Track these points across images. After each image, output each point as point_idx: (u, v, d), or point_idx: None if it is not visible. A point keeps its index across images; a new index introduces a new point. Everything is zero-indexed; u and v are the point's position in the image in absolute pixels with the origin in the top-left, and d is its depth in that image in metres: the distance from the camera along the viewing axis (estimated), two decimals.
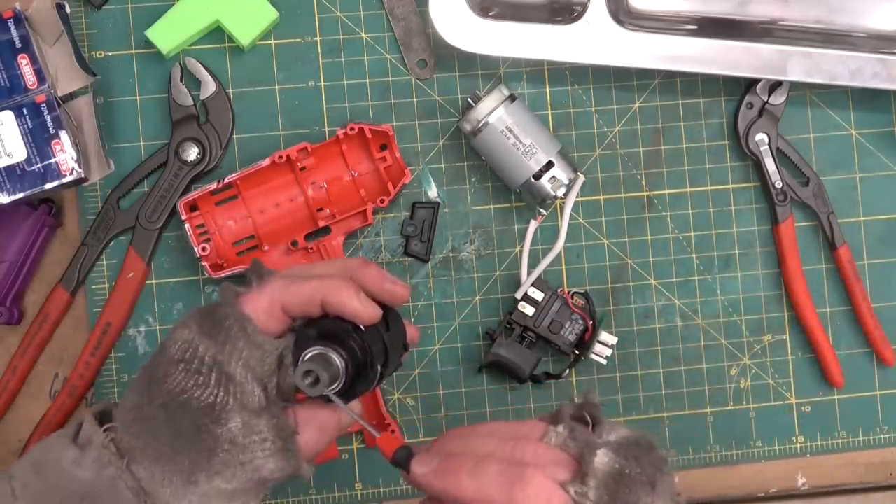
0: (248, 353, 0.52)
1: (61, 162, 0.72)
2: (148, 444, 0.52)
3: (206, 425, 0.51)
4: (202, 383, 0.52)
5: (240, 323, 0.53)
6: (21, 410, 0.79)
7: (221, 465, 0.52)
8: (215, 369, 0.52)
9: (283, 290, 0.54)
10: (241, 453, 0.52)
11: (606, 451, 0.49)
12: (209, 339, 0.52)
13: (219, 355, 0.52)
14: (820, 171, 0.82)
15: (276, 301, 0.54)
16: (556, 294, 0.78)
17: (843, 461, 0.83)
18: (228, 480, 0.52)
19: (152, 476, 0.52)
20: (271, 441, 0.52)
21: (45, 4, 0.74)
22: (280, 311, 0.54)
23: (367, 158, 0.79)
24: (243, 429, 0.52)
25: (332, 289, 0.54)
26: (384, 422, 0.78)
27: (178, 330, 0.53)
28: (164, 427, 0.52)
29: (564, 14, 0.78)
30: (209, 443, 0.51)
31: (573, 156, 0.81)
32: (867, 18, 0.80)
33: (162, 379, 0.52)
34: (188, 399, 0.52)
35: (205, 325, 0.53)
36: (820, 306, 0.82)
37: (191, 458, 0.51)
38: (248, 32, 0.78)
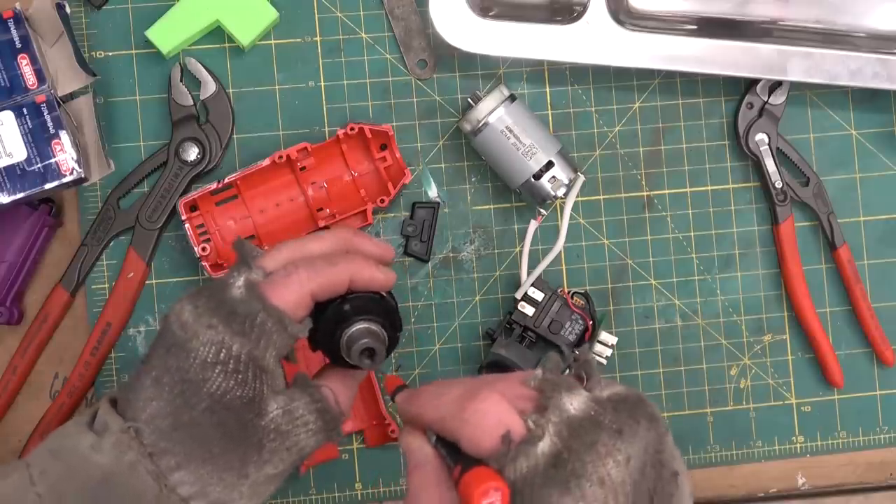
0: (281, 343, 0.53)
1: (61, 162, 0.72)
2: (194, 448, 0.52)
3: (251, 421, 0.52)
4: (241, 381, 0.52)
5: (276, 318, 0.53)
6: (21, 410, 0.79)
7: (270, 454, 0.52)
8: (251, 365, 0.52)
9: (312, 279, 0.54)
10: (286, 439, 0.53)
11: (583, 397, 0.48)
12: (242, 337, 0.52)
13: (254, 351, 0.52)
14: (820, 171, 0.82)
15: (305, 292, 0.54)
16: (556, 294, 0.78)
17: (843, 461, 0.83)
18: (276, 466, 0.53)
19: (200, 477, 0.52)
20: (314, 422, 0.53)
21: (45, 4, 0.74)
22: (309, 300, 0.54)
23: (367, 158, 0.79)
24: (285, 416, 0.52)
25: (358, 268, 0.55)
26: (384, 421, 0.78)
27: (199, 329, 0.52)
28: (212, 431, 0.52)
29: (564, 14, 0.78)
30: (257, 436, 0.52)
31: (573, 156, 0.81)
32: (867, 18, 0.80)
33: (199, 383, 0.52)
34: (231, 399, 0.52)
35: (233, 322, 0.52)
36: (820, 306, 0.82)
37: (240, 455, 0.52)
38: (248, 32, 0.78)
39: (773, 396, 0.82)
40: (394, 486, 0.80)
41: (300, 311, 0.54)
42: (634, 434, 0.47)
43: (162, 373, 0.53)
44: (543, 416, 0.47)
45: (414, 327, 0.80)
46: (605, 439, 0.46)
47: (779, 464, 0.83)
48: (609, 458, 0.46)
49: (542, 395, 0.48)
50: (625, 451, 0.46)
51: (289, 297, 0.54)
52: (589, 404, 0.48)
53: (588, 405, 0.48)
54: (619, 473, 0.46)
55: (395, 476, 0.80)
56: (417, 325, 0.80)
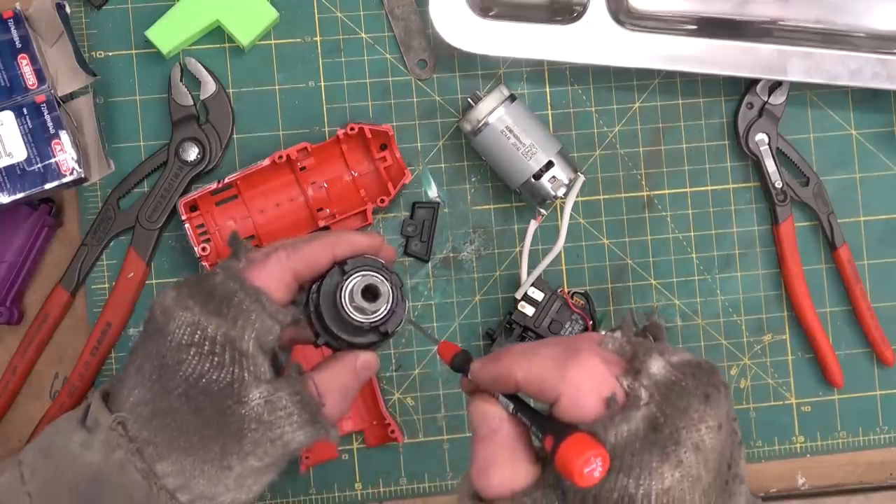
0: (261, 325, 0.52)
1: (61, 162, 0.72)
2: (174, 437, 0.51)
3: (230, 407, 0.51)
4: (218, 364, 0.51)
5: (253, 297, 0.52)
6: (21, 410, 0.79)
7: (252, 444, 0.51)
8: (228, 347, 0.51)
9: (291, 256, 0.54)
10: (268, 430, 0.51)
11: (662, 361, 0.47)
12: (217, 317, 0.51)
13: (230, 331, 0.51)
14: (820, 171, 0.82)
15: (285, 269, 0.53)
16: (556, 294, 0.78)
17: (843, 461, 0.83)
18: (261, 458, 0.52)
19: (182, 469, 0.51)
20: (297, 414, 0.52)
21: (45, 4, 0.74)
22: (291, 279, 0.54)
23: (367, 158, 0.79)
24: (267, 406, 0.51)
25: (339, 239, 0.55)
26: (384, 421, 0.78)
27: (176, 311, 0.52)
28: (190, 417, 0.51)
29: (564, 14, 0.78)
30: (237, 425, 0.51)
31: (573, 156, 0.81)
32: (867, 18, 0.80)
33: (175, 367, 0.51)
34: (207, 383, 0.51)
35: (209, 303, 0.52)
36: (820, 306, 0.82)
37: (220, 444, 0.51)
38: (248, 32, 0.78)
39: (773, 396, 0.82)
40: (394, 486, 0.80)
41: (281, 290, 0.53)
42: (718, 401, 0.46)
43: (143, 360, 0.52)
44: (637, 380, 0.46)
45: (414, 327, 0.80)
46: (696, 405, 0.46)
47: (779, 464, 0.83)
48: (702, 425, 0.45)
49: (635, 359, 0.47)
50: (714, 417, 0.46)
51: (267, 276, 0.53)
52: (668, 369, 0.47)
53: (668, 370, 0.47)
54: (711, 440, 0.45)
55: (395, 476, 0.80)
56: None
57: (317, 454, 0.78)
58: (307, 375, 0.54)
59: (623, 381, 0.46)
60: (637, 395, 0.45)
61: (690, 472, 0.45)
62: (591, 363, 0.47)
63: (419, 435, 0.80)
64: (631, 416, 0.45)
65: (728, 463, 0.47)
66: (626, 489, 0.44)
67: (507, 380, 0.49)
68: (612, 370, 0.47)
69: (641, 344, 0.48)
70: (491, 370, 0.50)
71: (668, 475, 0.44)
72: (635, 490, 0.44)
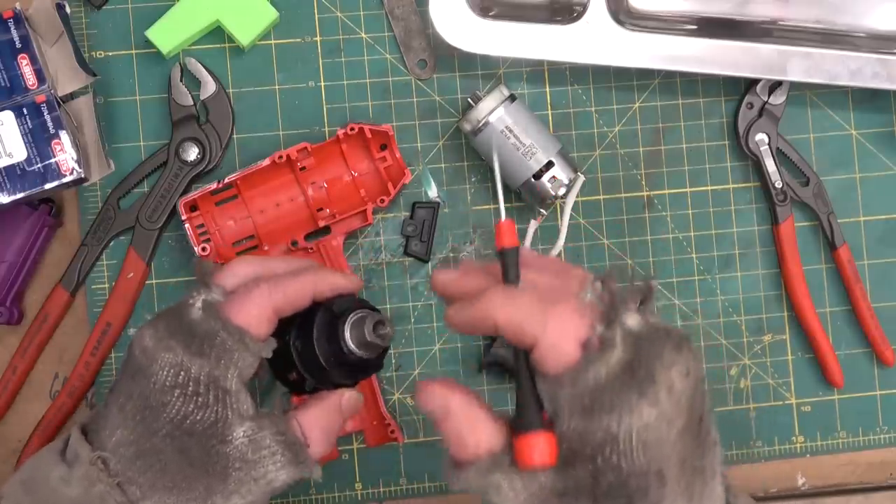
0: (243, 362, 0.52)
1: (61, 162, 0.72)
2: (157, 478, 0.51)
3: (214, 447, 0.51)
4: (202, 404, 0.51)
5: (236, 336, 0.52)
6: (21, 410, 0.79)
7: (236, 483, 0.51)
8: (212, 387, 0.51)
9: (273, 293, 0.54)
10: (252, 469, 0.52)
11: (637, 317, 0.49)
12: (200, 357, 0.52)
13: (214, 371, 0.51)
14: (820, 171, 0.82)
15: (267, 307, 0.54)
16: None
17: (843, 461, 0.83)
18: (244, 496, 0.52)
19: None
20: (280, 454, 0.52)
21: (45, 4, 0.74)
22: (272, 315, 0.54)
23: (367, 158, 0.79)
24: (251, 444, 0.52)
25: (320, 278, 0.55)
26: (384, 421, 0.78)
27: (158, 352, 0.52)
28: (175, 457, 0.51)
29: (564, 14, 0.78)
30: (221, 464, 0.51)
31: (573, 156, 0.81)
32: (867, 18, 0.80)
33: (159, 408, 0.51)
34: (192, 423, 0.51)
35: (191, 343, 0.52)
36: (820, 306, 0.82)
37: (205, 484, 0.51)
38: (248, 32, 0.78)
39: (773, 396, 0.82)
40: (393, 486, 0.80)
41: (263, 327, 0.54)
42: (688, 354, 0.48)
43: (126, 399, 0.52)
44: (611, 328, 0.48)
45: (414, 327, 0.80)
46: (667, 352, 0.47)
47: (779, 464, 0.83)
48: (673, 368, 0.47)
49: (611, 310, 0.48)
50: (683, 364, 0.48)
51: (251, 312, 0.53)
52: (643, 325, 0.49)
53: (641, 325, 0.48)
54: (681, 384, 0.47)
55: (395, 476, 0.80)
56: (417, 325, 0.80)
57: None
58: (291, 415, 0.54)
59: (598, 327, 0.48)
60: (612, 340, 0.47)
61: (665, 412, 0.46)
62: (569, 312, 0.48)
63: (419, 435, 0.80)
64: (606, 358, 0.47)
65: (700, 416, 0.49)
66: (608, 428, 0.46)
67: (484, 324, 0.49)
68: (587, 319, 0.48)
69: (618, 296, 0.49)
70: (469, 313, 0.50)
71: (647, 412, 0.46)
72: (617, 428, 0.46)
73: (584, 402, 0.46)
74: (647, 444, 0.46)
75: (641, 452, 0.46)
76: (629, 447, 0.46)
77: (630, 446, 0.46)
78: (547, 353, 0.47)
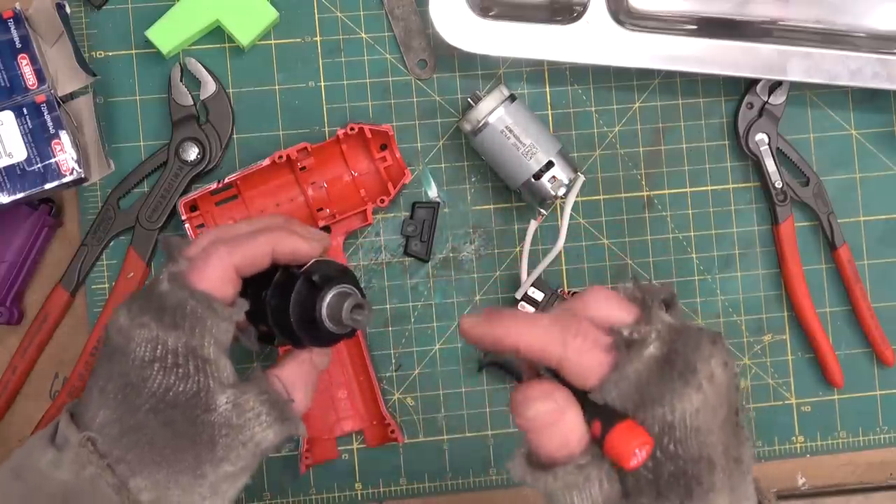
0: (217, 329, 0.52)
1: (61, 162, 0.72)
2: (145, 453, 0.51)
3: (199, 416, 0.51)
4: (183, 375, 0.51)
5: (205, 303, 0.52)
6: (21, 410, 0.79)
7: (225, 450, 0.52)
8: (191, 357, 0.51)
9: (232, 252, 0.54)
10: (239, 434, 0.52)
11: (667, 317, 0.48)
12: (175, 329, 0.51)
13: (191, 341, 0.51)
14: (820, 171, 0.82)
15: (227, 266, 0.54)
16: (556, 294, 0.78)
17: (843, 461, 0.83)
18: (234, 462, 0.52)
19: (156, 483, 0.51)
20: (266, 413, 0.52)
21: (45, 4, 0.74)
22: (234, 275, 0.54)
23: (367, 158, 0.79)
24: (234, 409, 0.52)
25: (279, 238, 0.55)
26: (384, 421, 0.78)
27: (133, 330, 0.52)
28: (160, 431, 0.51)
29: (564, 14, 0.78)
30: (208, 433, 0.51)
31: (573, 156, 0.81)
32: (867, 18, 0.80)
33: (139, 384, 0.51)
34: (174, 395, 0.51)
35: (164, 317, 0.52)
36: (820, 306, 0.82)
37: (193, 454, 0.51)
38: (248, 32, 0.78)
39: (773, 396, 0.82)
40: (394, 486, 0.80)
41: (227, 288, 0.54)
42: (723, 348, 0.48)
43: (106, 381, 0.53)
44: (648, 323, 0.47)
45: (414, 327, 0.80)
46: (704, 344, 0.47)
47: (779, 464, 0.83)
48: (712, 359, 0.47)
49: (644, 306, 0.48)
50: (720, 356, 0.47)
51: (211, 275, 0.53)
52: (674, 321, 0.48)
53: (674, 321, 0.48)
54: (721, 374, 0.47)
55: (395, 476, 0.80)
56: (417, 325, 0.80)
57: (317, 454, 0.78)
58: (271, 374, 0.55)
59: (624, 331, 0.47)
60: (645, 335, 0.47)
61: (709, 399, 0.46)
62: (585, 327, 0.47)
63: (419, 435, 0.80)
64: (641, 354, 0.46)
65: (736, 409, 0.48)
66: (664, 417, 0.46)
67: (503, 346, 0.48)
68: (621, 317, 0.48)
69: (655, 290, 0.49)
70: (487, 332, 0.49)
71: (695, 397, 0.46)
72: (672, 415, 0.46)
73: (634, 398, 0.46)
74: (699, 429, 0.46)
75: (694, 438, 0.46)
76: (684, 434, 0.46)
77: (685, 433, 0.46)
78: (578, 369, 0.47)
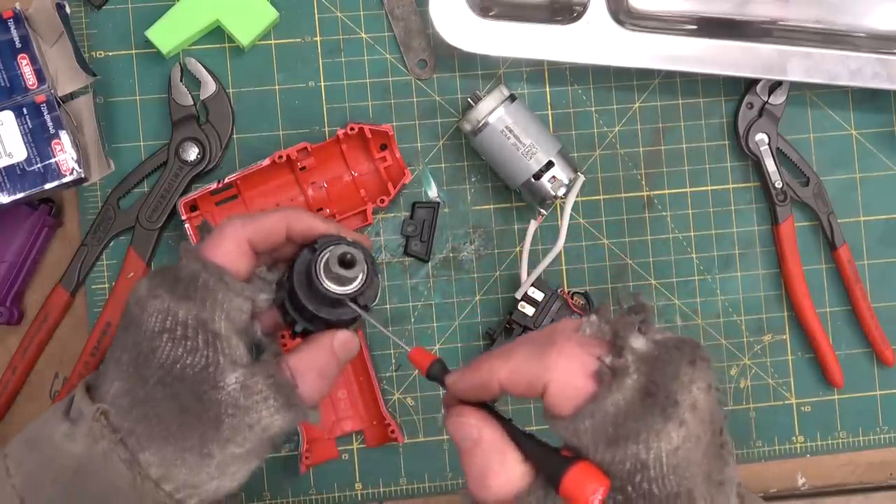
0: (229, 304, 0.52)
1: (61, 162, 0.72)
2: (153, 426, 0.50)
3: (206, 392, 0.50)
4: (191, 348, 0.51)
5: (216, 275, 0.52)
6: (21, 410, 0.79)
7: (231, 430, 0.51)
8: (201, 330, 0.51)
9: (246, 226, 0.54)
10: (245, 415, 0.51)
11: (643, 339, 0.47)
12: (186, 301, 0.51)
13: (202, 314, 0.51)
14: (820, 171, 0.82)
15: (241, 239, 0.53)
16: (556, 294, 0.78)
17: (843, 461, 0.83)
18: (241, 444, 0.51)
19: (164, 459, 0.51)
20: (273, 398, 0.52)
21: (45, 4, 0.74)
22: (248, 248, 0.54)
23: (367, 158, 0.79)
24: (243, 390, 0.51)
25: (294, 214, 0.55)
26: (384, 421, 0.78)
27: (147, 301, 0.52)
28: (167, 404, 0.50)
29: (564, 14, 0.78)
30: (214, 411, 0.50)
31: (573, 156, 0.81)
32: (867, 18, 0.80)
33: (149, 355, 0.51)
34: (182, 368, 0.50)
35: (176, 288, 0.52)
36: (820, 306, 0.82)
37: (200, 432, 0.51)
38: (248, 32, 0.78)
39: (773, 396, 0.82)
40: (394, 486, 0.80)
41: (241, 262, 0.53)
42: (703, 367, 0.47)
43: (121, 352, 0.52)
44: (621, 356, 0.46)
45: (414, 327, 0.80)
46: (684, 369, 0.46)
47: (779, 464, 0.83)
48: (693, 386, 0.46)
49: (616, 338, 0.47)
50: (703, 379, 0.46)
51: (225, 248, 0.53)
52: (651, 345, 0.47)
53: (650, 346, 0.47)
54: (703, 400, 0.46)
55: (395, 476, 0.80)
56: (417, 325, 0.80)
57: (317, 454, 0.78)
58: (281, 358, 0.54)
59: (606, 359, 0.46)
60: (624, 367, 0.46)
61: (692, 432, 0.45)
62: (571, 348, 0.47)
63: (419, 435, 0.80)
64: (623, 385, 0.45)
65: (720, 427, 0.47)
66: (637, 456, 0.45)
67: (489, 385, 0.48)
68: (593, 352, 0.47)
69: (620, 323, 0.48)
70: (470, 378, 0.50)
71: (675, 434, 0.45)
72: (646, 454, 0.45)
73: (607, 432, 0.45)
74: (677, 466, 0.45)
75: (672, 476, 0.45)
76: (660, 473, 0.45)
77: (661, 472, 0.45)
78: (560, 392, 0.46)
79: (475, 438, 0.48)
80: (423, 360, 0.52)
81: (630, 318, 0.48)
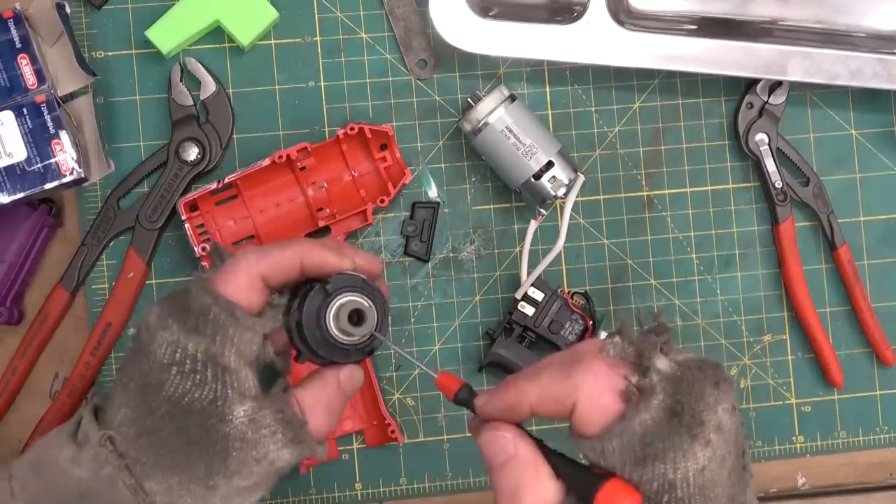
0: (240, 338, 0.51)
1: (61, 162, 0.72)
2: (159, 457, 0.50)
3: (214, 426, 0.50)
4: (200, 382, 0.50)
5: (227, 310, 0.51)
6: (21, 410, 0.79)
7: (237, 464, 0.51)
8: (210, 364, 0.51)
9: (260, 260, 0.53)
10: (253, 449, 0.51)
11: (667, 360, 0.47)
12: (196, 334, 0.51)
13: (211, 348, 0.51)
14: (820, 171, 0.82)
15: (255, 274, 0.53)
16: (556, 294, 0.78)
17: (843, 461, 0.83)
18: (247, 478, 0.51)
19: (169, 488, 0.50)
20: (281, 433, 0.51)
21: (45, 4, 0.74)
22: (261, 284, 0.53)
23: (367, 158, 0.79)
24: (251, 424, 0.51)
25: (310, 250, 0.54)
26: (384, 421, 0.78)
27: (157, 331, 0.51)
28: (174, 437, 0.50)
29: (564, 14, 0.78)
30: (221, 444, 0.50)
31: (573, 156, 0.81)
32: (867, 18, 0.80)
33: (157, 387, 0.51)
34: (190, 402, 0.50)
35: (187, 320, 0.51)
36: (820, 306, 0.82)
37: (206, 464, 0.50)
38: (248, 32, 0.78)
39: (773, 396, 0.82)
40: (394, 486, 0.80)
41: (253, 297, 0.52)
42: (727, 388, 0.47)
43: (129, 378, 0.52)
44: (646, 376, 0.46)
45: (414, 327, 0.80)
46: (709, 390, 0.46)
47: (779, 464, 0.83)
48: (718, 407, 0.46)
49: (641, 358, 0.47)
50: (727, 400, 0.47)
51: (237, 283, 0.52)
52: (674, 366, 0.47)
53: (674, 367, 0.47)
54: (729, 420, 0.46)
55: (395, 476, 0.80)
56: (417, 325, 0.80)
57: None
58: (290, 393, 0.53)
59: (632, 378, 0.46)
60: (651, 387, 0.46)
61: (717, 452, 0.45)
62: (598, 366, 0.47)
63: (419, 435, 0.80)
64: (650, 405, 0.46)
65: (742, 449, 0.48)
66: (664, 475, 0.45)
67: (518, 406, 0.49)
68: (619, 371, 0.47)
69: (644, 343, 0.48)
70: (500, 400, 0.50)
71: (701, 455, 0.45)
72: (673, 474, 0.45)
73: (635, 452, 0.45)
74: (703, 487, 0.45)
75: (698, 496, 0.45)
76: (687, 493, 0.45)
77: (688, 492, 0.45)
78: (588, 410, 0.47)
79: (511, 453, 0.48)
80: (451, 384, 0.52)
81: (653, 339, 0.48)
